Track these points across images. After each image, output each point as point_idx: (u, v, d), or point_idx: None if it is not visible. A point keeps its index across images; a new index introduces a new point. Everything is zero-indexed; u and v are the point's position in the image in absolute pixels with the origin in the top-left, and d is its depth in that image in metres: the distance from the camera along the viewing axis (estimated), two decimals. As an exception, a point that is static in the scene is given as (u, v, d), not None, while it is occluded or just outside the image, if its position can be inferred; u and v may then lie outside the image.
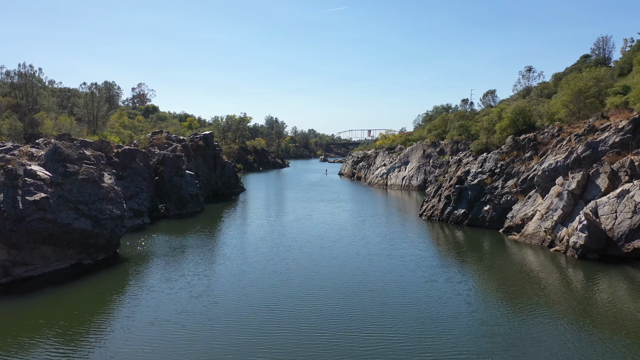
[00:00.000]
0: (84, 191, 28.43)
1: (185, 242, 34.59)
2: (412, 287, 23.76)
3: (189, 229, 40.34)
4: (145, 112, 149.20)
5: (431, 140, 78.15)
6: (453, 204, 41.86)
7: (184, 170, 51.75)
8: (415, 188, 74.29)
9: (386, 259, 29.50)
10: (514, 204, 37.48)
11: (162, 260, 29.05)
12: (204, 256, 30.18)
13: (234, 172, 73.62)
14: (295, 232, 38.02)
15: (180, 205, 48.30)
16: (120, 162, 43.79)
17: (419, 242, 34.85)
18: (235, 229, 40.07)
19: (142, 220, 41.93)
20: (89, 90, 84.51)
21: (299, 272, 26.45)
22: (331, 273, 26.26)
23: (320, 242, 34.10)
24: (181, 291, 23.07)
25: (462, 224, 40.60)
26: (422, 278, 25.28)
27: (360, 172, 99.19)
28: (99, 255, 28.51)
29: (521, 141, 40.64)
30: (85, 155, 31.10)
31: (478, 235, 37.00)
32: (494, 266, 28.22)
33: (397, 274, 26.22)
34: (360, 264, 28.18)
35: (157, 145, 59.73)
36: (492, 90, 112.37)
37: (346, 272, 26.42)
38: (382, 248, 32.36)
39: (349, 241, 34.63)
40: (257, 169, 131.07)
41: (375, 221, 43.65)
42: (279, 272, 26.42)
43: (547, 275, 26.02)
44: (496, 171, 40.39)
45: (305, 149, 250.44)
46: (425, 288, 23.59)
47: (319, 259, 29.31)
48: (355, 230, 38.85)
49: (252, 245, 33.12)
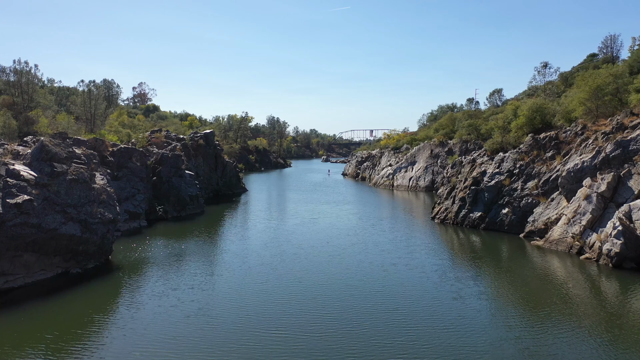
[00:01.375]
0: (72, 193, 26.05)
1: (184, 248, 32.20)
2: (441, 306, 20.75)
3: (188, 233, 37.95)
4: (146, 111, 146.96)
5: (439, 139, 75.69)
6: (468, 207, 39.41)
7: (183, 171, 49.38)
8: (422, 189, 71.87)
9: (405, 269, 26.87)
10: (535, 207, 35.05)
11: (158, 270, 26.65)
12: (202, 265, 27.73)
13: (235, 172, 71.24)
14: (300, 238, 35.48)
15: (179, 207, 45.92)
16: (116, 161, 41.40)
17: (437, 248, 32.30)
18: (236, 234, 37.59)
19: (139, 223, 39.54)
20: (86, 88, 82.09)
21: (307, 285, 23.77)
22: (345, 288, 23.39)
23: (328, 250, 31.56)
24: (174, 309, 20.48)
25: (478, 228, 38.14)
26: (449, 293, 22.52)
27: (365, 173, 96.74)
28: (89, 263, 26.09)
29: (541, 140, 38.18)
30: (75, 154, 28.71)
31: (497, 240, 34.55)
32: (522, 277, 25.77)
33: (421, 288, 23.47)
34: (377, 277, 25.33)
35: (156, 144, 57.39)
36: (499, 89, 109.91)
37: (363, 287, 23.44)
38: (398, 256, 29.75)
39: (361, 248, 32.08)
40: (258, 169, 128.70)
41: (386, 225, 41.20)
42: (284, 286, 23.76)
43: (578, 287, 23.61)
44: (515, 172, 37.94)
45: (307, 149, 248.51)
46: (456, 307, 20.69)
47: (330, 270, 26.63)
48: (365, 236, 36.28)
49: (255, 253, 30.57)
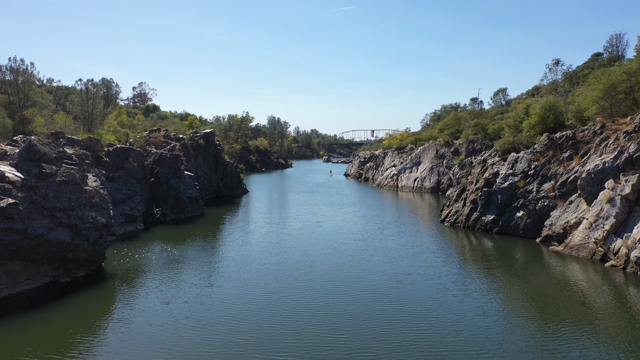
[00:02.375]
0: (62, 196, 24.30)
1: (181, 255, 30.44)
2: (468, 325, 18.40)
3: (186, 237, 36.18)
4: (146, 111, 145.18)
5: (444, 139, 73.93)
6: (480, 209, 37.63)
7: (182, 171, 47.65)
8: (428, 190, 70.10)
9: (421, 280, 24.69)
10: (552, 210, 33.28)
11: (153, 279, 24.88)
12: (200, 274, 25.81)
13: (236, 173, 69.48)
14: (305, 243, 33.55)
15: (178, 210, 44.16)
16: (111, 162, 39.65)
17: (451, 255, 30.26)
18: (237, 239, 35.68)
19: (135, 226, 37.80)
20: (84, 87, 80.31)
21: (314, 299, 21.63)
22: (358, 302, 21.13)
23: (335, 257, 29.50)
24: (167, 328, 18.87)
25: (491, 231, 36.37)
26: (475, 309, 20.14)
27: (368, 173, 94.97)
28: (79, 271, 24.32)
29: (557, 139, 36.41)
30: (66, 154, 26.96)
31: (513, 245, 32.76)
32: (546, 288, 23.91)
33: (442, 302, 21.18)
34: (391, 289, 23.03)
35: (154, 144, 55.65)
36: (503, 88, 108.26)
37: (377, 302, 21.21)
38: (412, 265, 27.67)
39: (370, 255, 30.07)
40: (259, 170, 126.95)
41: (394, 229, 39.29)
42: (288, 300, 21.56)
43: (603, 297, 21.81)
44: (530, 173, 36.17)
45: (307, 149, 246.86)
46: (485, 326, 18.42)
47: (338, 281, 24.45)
48: (374, 241, 34.28)
49: (256, 261, 28.46)
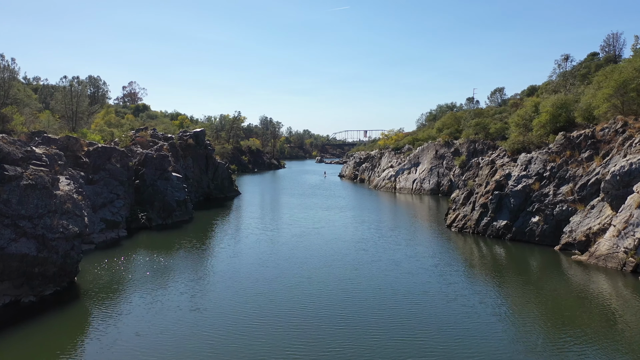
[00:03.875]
0: (27, 202, 21.21)
1: (167, 265, 27.39)
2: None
3: (173, 245, 33.10)
4: (135, 110, 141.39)
5: (444, 139, 71.40)
6: (491, 214, 34.96)
7: (169, 173, 44.53)
8: (427, 192, 67.50)
9: (442, 301, 21.13)
10: (571, 215, 30.68)
11: (133, 297, 21.83)
12: (186, 292, 22.74)
13: (227, 174, 66.38)
14: (302, 254, 30.22)
15: (165, 214, 41.03)
16: (91, 162, 36.45)
17: (471, 268, 27.10)
18: (228, 248, 32.38)
19: (117, 233, 34.65)
20: (68, 84, 76.79)
21: (314, 325, 18.47)
22: (368, 330, 17.88)
23: (338, 271, 26.19)
24: (148, 357, 15.94)
25: (503, 238, 33.71)
26: (515, 344, 16.73)
27: (364, 174, 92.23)
28: (47, 288, 21.17)
29: (575, 139, 33.85)
30: (34, 154, 23.85)
31: (529, 253, 30.11)
32: (579, 305, 21.27)
33: (477, 333, 17.58)
34: (408, 313, 19.58)
35: (140, 144, 52.44)
36: (500, 88, 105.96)
37: (393, 330, 17.72)
38: (427, 280, 24.36)
39: (377, 268, 26.81)
40: (251, 170, 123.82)
41: (400, 236, 36.19)
42: (286, 328, 18.33)
43: (636, 314, 19.25)
44: (545, 175, 33.56)
45: (300, 150, 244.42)
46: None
47: (343, 301, 21.19)
48: (380, 251, 31.04)
49: (249, 276, 25.06)
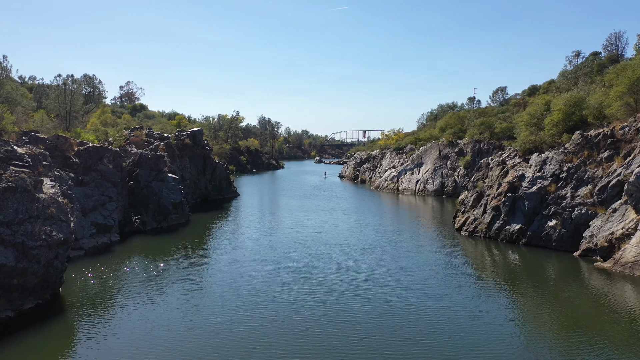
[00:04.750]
0: (6, 206, 19.31)
1: (160, 274, 25.49)
2: None
3: (167, 250, 31.22)
4: (133, 110, 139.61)
5: (448, 139, 69.65)
6: (504, 217, 33.16)
7: (165, 174, 42.64)
8: (431, 193, 65.74)
9: (467, 319, 18.73)
10: (591, 219, 28.91)
11: (123, 308, 19.97)
12: (180, 305, 20.80)
13: (226, 175, 64.48)
14: (306, 263, 27.87)
15: (160, 217, 39.11)
16: (82, 163, 34.53)
17: (485, 275, 25.40)
18: (226, 254, 30.17)
19: (109, 237, 32.74)
20: (61, 82, 74.68)
21: (324, 346, 16.62)
22: (384, 351, 16.06)
23: (347, 283, 23.76)
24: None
25: (517, 242, 31.91)
26: None
27: (365, 175, 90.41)
28: (27, 302, 19.25)
29: (593, 138, 32.07)
30: (15, 154, 21.95)
31: (545, 259, 28.32)
32: (599, 315, 19.48)
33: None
34: (428, 331, 17.54)
35: (135, 144, 50.53)
36: (503, 87, 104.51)
37: (411, 353, 15.81)
38: (445, 294, 21.97)
39: (388, 279, 24.47)
40: (250, 171, 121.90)
41: (407, 241, 34.04)
42: (290, 343, 16.77)
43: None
44: (562, 176, 31.78)
45: (298, 150, 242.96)
46: None
47: (354, 317, 19.03)
48: (389, 259, 28.74)
49: (249, 290, 22.74)
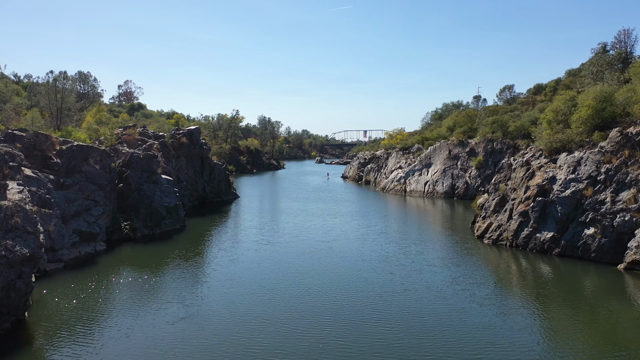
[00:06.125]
0: (-43, 216, 16.00)
1: (148, 291, 22.13)
2: None
3: (159, 261, 27.86)
4: (130, 109, 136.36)
5: (458, 138, 66.32)
6: (534, 224, 29.81)
7: (158, 175, 39.29)
8: (441, 195, 62.40)
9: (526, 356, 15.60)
10: (637, 228, 25.57)
11: (102, 337, 16.63)
12: (168, 334, 17.70)
13: (225, 176, 61.09)
14: (316, 281, 23.94)
15: (152, 223, 35.71)
16: (64, 163, 31.14)
17: (536, 300, 22.17)
18: (223, 268, 26.65)
19: (94, 246, 29.42)
20: (51, 79, 71.40)
21: None
22: None
23: (367, 308, 19.89)
24: None
25: (549, 253, 28.57)
26: None
27: (369, 176, 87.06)
28: (-20, 333, 16.01)
29: (634, 135, 28.75)
30: (-26, 153, 18.64)
31: (586, 273, 25.00)
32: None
33: None
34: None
35: (127, 143, 47.07)
36: (510, 85, 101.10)
37: None
38: (489, 323, 18.35)
39: (416, 302, 20.66)
40: (250, 171, 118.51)
41: (428, 253, 30.12)
42: None
43: None
44: (599, 178, 28.45)
45: (299, 150, 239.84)
46: None
47: (379, 351, 15.94)
48: (410, 275, 24.84)
49: (250, 312, 19.79)
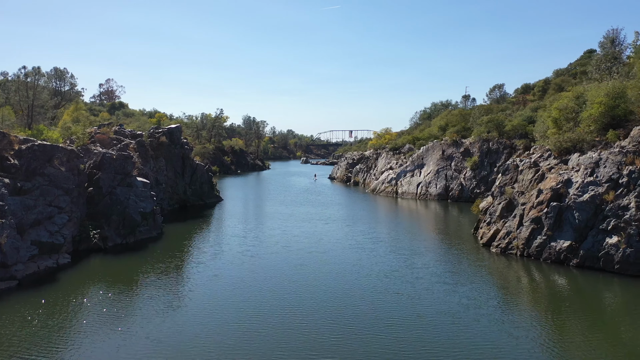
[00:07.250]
0: None
1: (117, 313, 18.78)
2: None
3: (130, 275, 24.44)
4: (111, 108, 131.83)
5: (451, 138, 63.86)
6: (548, 232, 27.16)
7: (133, 177, 35.74)
8: (434, 197, 59.86)
9: None
10: (667, 237, 23.09)
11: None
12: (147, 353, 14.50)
13: (208, 177, 57.59)
14: (309, 299, 21.10)
15: (126, 231, 32.17)
16: (23, 165, 27.49)
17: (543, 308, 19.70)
18: (203, 285, 23.34)
19: (56, 259, 25.83)
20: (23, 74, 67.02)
21: None
22: None
23: (373, 340, 16.66)
24: None
25: (567, 263, 25.93)
26: None
27: (358, 177, 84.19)
28: None
29: (658, 135, 26.33)
30: None
31: (609, 287, 22.37)
32: None
33: None
34: None
35: (101, 142, 43.42)
36: (500, 84, 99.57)
37: None
38: (508, 347, 16.18)
39: (427, 328, 17.81)
40: (234, 172, 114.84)
41: (434, 267, 26.67)
42: None
43: None
44: (621, 181, 25.90)
45: (284, 150, 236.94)
46: None
47: None
48: (421, 296, 21.43)
49: (231, 340, 17.09)
